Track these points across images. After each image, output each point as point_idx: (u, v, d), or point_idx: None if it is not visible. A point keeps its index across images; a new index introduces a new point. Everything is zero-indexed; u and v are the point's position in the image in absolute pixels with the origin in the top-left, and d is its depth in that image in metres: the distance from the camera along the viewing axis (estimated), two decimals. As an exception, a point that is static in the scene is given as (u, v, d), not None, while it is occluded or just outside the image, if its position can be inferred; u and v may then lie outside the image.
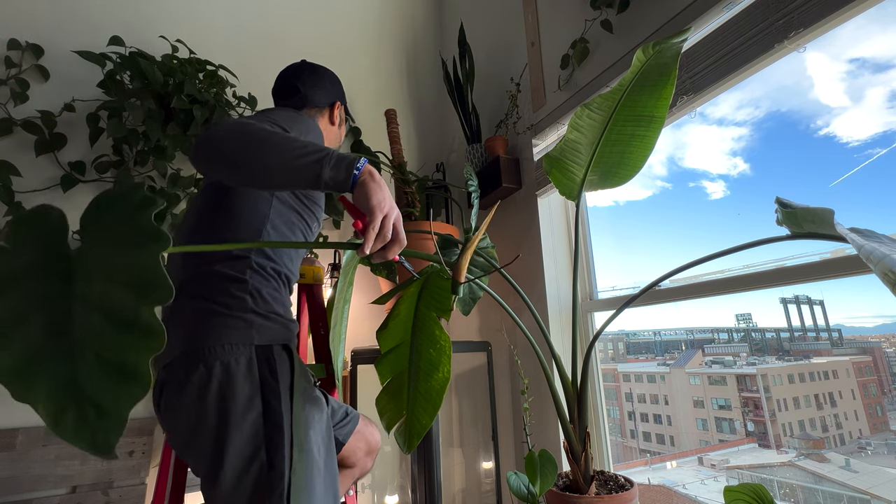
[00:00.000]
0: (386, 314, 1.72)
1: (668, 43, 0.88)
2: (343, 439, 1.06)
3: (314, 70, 1.21)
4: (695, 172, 1.52)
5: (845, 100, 1.09)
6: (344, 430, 1.07)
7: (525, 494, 1.06)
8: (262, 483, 0.74)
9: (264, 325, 0.83)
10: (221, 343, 0.78)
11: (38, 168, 1.55)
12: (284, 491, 0.74)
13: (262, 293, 0.85)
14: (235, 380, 0.77)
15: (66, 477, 1.40)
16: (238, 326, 0.80)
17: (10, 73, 1.54)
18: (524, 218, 1.75)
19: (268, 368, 0.80)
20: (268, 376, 0.79)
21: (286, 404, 0.79)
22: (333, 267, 1.83)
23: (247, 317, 0.81)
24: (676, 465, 1.64)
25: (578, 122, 1.02)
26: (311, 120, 1.04)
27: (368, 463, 1.15)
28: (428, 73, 2.54)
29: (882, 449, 1.20)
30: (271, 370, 0.80)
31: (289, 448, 0.77)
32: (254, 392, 0.78)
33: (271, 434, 0.77)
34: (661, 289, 1.28)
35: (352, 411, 1.12)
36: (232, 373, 0.77)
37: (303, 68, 1.21)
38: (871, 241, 0.58)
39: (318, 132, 1.03)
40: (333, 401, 1.11)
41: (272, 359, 0.81)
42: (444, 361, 0.91)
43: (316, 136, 1.01)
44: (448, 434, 2.11)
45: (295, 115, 0.99)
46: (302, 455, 0.78)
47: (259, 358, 0.80)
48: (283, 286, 0.93)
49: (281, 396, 0.79)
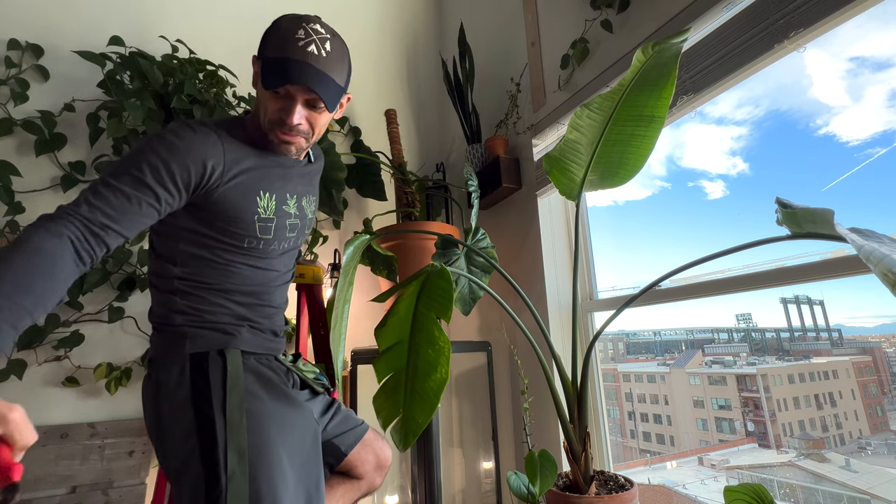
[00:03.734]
0: (385, 313, 1.72)
1: (668, 43, 0.88)
2: (346, 448, 1.05)
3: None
4: (694, 172, 1.52)
5: (845, 99, 1.10)
6: (347, 437, 1.06)
7: (525, 494, 1.06)
8: (198, 486, 0.79)
9: (198, 334, 0.89)
10: (158, 356, 0.90)
11: (38, 168, 1.54)
12: (222, 495, 0.76)
13: (191, 307, 0.91)
14: (167, 389, 0.86)
15: (66, 477, 1.40)
16: (171, 339, 0.90)
17: (10, 73, 1.54)
18: (524, 218, 1.75)
19: (200, 375, 0.86)
20: (200, 383, 0.85)
21: (218, 409, 0.82)
22: (333, 267, 1.84)
23: (179, 330, 0.89)
24: (676, 465, 1.64)
25: (578, 122, 1.02)
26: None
27: (377, 479, 1.13)
28: (428, 73, 2.54)
29: (882, 449, 1.20)
30: (203, 377, 0.86)
31: (223, 453, 0.79)
32: (184, 399, 0.84)
33: (203, 439, 0.81)
34: (661, 289, 1.28)
35: (359, 421, 1.12)
36: (162, 382, 0.87)
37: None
38: (871, 241, 0.58)
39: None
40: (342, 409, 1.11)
41: (206, 365, 0.87)
42: (443, 362, 0.91)
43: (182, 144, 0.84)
44: (448, 434, 2.11)
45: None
46: (243, 460, 0.79)
47: (193, 366, 0.87)
48: (220, 294, 0.93)
49: (213, 402, 0.83)
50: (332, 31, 0.92)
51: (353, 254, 0.96)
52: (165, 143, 0.82)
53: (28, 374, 1.44)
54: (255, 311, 0.98)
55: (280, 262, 1.03)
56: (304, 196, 1.05)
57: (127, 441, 1.50)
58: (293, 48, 0.86)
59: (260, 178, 0.94)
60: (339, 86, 0.91)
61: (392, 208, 2.06)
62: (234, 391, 0.84)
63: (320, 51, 0.87)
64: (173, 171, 0.80)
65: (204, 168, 0.84)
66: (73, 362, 1.49)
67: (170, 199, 0.82)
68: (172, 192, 0.81)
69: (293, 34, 0.87)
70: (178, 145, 0.82)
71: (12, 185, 1.46)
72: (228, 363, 0.87)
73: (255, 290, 0.98)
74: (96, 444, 1.46)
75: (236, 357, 0.90)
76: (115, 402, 1.54)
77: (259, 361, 0.96)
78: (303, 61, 0.86)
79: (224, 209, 0.89)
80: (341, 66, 0.92)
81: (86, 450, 1.44)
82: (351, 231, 2.10)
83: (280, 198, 0.98)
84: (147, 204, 0.79)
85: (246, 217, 0.91)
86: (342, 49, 0.93)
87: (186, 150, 0.82)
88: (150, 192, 0.79)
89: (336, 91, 0.91)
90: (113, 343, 1.56)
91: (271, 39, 0.89)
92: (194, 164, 0.83)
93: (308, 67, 0.86)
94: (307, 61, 0.86)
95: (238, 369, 0.88)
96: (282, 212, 0.98)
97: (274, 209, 0.96)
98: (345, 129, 2.17)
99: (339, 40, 0.93)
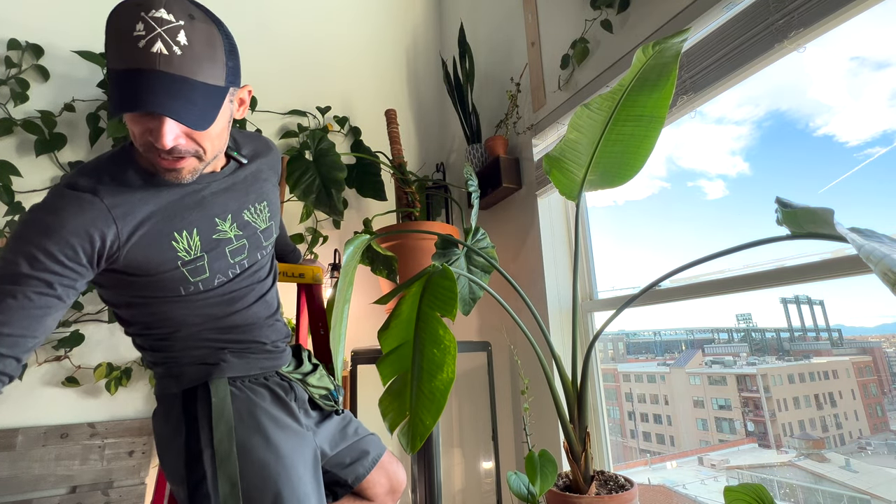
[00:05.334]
0: (387, 314, 1.72)
1: (668, 43, 0.88)
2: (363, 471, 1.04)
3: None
4: (693, 172, 1.52)
5: (845, 98, 1.09)
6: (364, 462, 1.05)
7: (525, 494, 1.06)
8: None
9: (182, 373, 0.88)
10: (157, 393, 0.91)
11: (38, 168, 1.55)
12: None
13: (164, 357, 0.89)
14: (159, 423, 0.89)
15: (66, 477, 1.40)
16: (161, 381, 0.90)
17: (10, 73, 1.54)
18: (524, 218, 1.75)
19: (190, 411, 0.85)
20: (189, 419, 0.85)
21: (206, 443, 0.82)
22: (333, 267, 1.83)
23: (164, 373, 0.89)
24: (676, 465, 1.64)
25: (578, 122, 1.02)
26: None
27: (388, 503, 1.10)
28: (428, 73, 2.54)
29: (882, 449, 1.20)
30: (193, 412, 0.85)
31: (212, 482, 0.79)
32: (174, 433, 0.85)
33: (191, 469, 0.81)
34: (661, 289, 1.28)
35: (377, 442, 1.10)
36: (158, 416, 0.90)
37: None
38: (871, 241, 0.58)
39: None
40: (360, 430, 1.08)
41: (195, 400, 0.86)
42: (449, 361, 0.91)
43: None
44: (448, 434, 2.11)
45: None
46: (235, 489, 0.78)
47: (184, 402, 0.87)
48: (185, 339, 0.88)
49: (201, 436, 0.83)
50: (187, 11, 0.67)
51: (353, 254, 0.96)
52: (37, 226, 0.69)
53: (28, 374, 1.44)
54: (234, 334, 0.91)
55: (238, 284, 0.91)
56: (244, 209, 0.90)
57: (127, 441, 1.50)
58: (130, 52, 0.63)
59: (170, 219, 0.79)
60: (211, 87, 0.69)
61: (392, 208, 2.06)
62: (221, 422, 0.83)
63: (171, 48, 0.64)
64: (53, 254, 0.68)
65: (91, 240, 0.71)
66: (73, 362, 1.49)
67: (66, 280, 0.70)
68: (64, 272, 0.70)
69: (128, 31, 0.63)
70: (50, 224, 0.69)
71: (12, 185, 1.46)
72: (213, 395, 0.85)
73: (223, 321, 0.90)
74: (96, 444, 1.46)
75: (222, 387, 0.86)
76: (115, 402, 1.54)
77: (255, 382, 0.92)
78: (145, 70, 0.63)
79: (138, 270, 0.78)
80: (211, 57, 0.68)
81: (86, 450, 1.44)
82: (351, 231, 2.10)
83: (205, 228, 0.84)
84: (37, 293, 0.68)
85: (167, 269, 0.80)
86: (208, 32, 0.68)
87: (61, 225, 0.69)
88: (34, 281, 0.67)
89: (208, 96, 0.68)
90: (113, 343, 1.56)
91: (106, 42, 0.66)
92: (77, 238, 0.70)
93: (154, 79, 0.63)
94: (154, 68, 0.63)
95: (223, 400, 0.85)
96: (213, 242, 0.85)
97: (200, 245, 0.83)
98: (345, 129, 2.17)
99: (203, 20, 0.68)
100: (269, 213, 0.97)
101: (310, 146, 1.82)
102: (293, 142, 2.02)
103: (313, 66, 2.18)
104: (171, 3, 0.66)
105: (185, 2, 0.68)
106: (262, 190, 0.96)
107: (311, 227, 1.97)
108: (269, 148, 1.02)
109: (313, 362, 1.07)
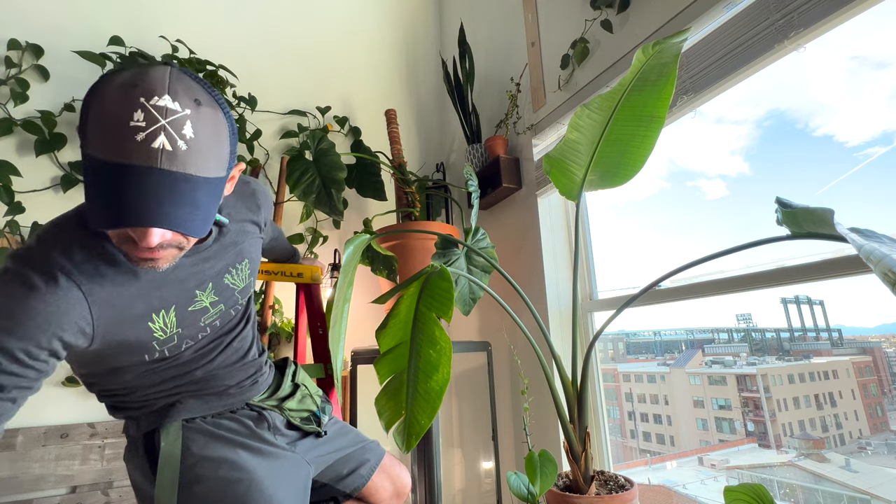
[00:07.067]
0: (385, 314, 1.73)
1: (668, 43, 0.88)
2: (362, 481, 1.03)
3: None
4: (693, 172, 1.51)
5: (845, 98, 1.09)
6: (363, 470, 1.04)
7: (525, 494, 1.06)
8: None
9: (141, 416, 0.87)
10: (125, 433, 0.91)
11: (38, 168, 1.55)
12: None
13: (118, 411, 0.88)
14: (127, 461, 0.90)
15: (66, 477, 1.40)
16: (126, 422, 0.90)
17: (10, 73, 1.54)
18: (524, 218, 1.75)
19: (148, 454, 0.86)
20: (145, 463, 0.85)
21: (149, 485, 0.83)
22: (333, 267, 1.83)
23: (119, 416, 0.89)
24: (676, 465, 1.64)
25: (578, 122, 1.02)
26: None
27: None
28: (428, 73, 2.54)
29: (882, 449, 1.20)
30: (151, 456, 0.85)
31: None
32: (135, 474, 0.87)
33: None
34: (661, 289, 1.28)
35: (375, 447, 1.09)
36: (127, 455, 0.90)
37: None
38: (871, 241, 0.58)
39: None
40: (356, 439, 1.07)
41: (151, 442, 0.86)
42: (444, 363, 0.91)
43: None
44: (448, 434, 2.11)
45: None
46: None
47: (145, 445, 0.87)
48: (130, 396, 0.85)
49: (152, 477, 0.83)
50: (193, 95, 0.58)
51: (353, 253, 0.96)
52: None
53: (28, 374, 1.44)
54: (194, 384, 0.88)
55: (203, 342, 0.87)
56: (225, 274, 0.84)
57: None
58: (123, 145, 0.53)
59: (147, 301, 0.72)
60: (213, 180, 0.60)
61: (392, 208, 2.06)
62: (166, 469, 0.81)
63: (175, 142, 0.55)
64: (15, 355, 0.60)
65: (62, 337, 0.63)
66: (73, 362, 1.49)
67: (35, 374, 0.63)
68: (28, 372, 0.62)
69: (123, 119, 0.53)
70: (14, 315, 0.59)
71: (12, 185, 1.46)
72: (162, 439, 0.83)
73: (184, 378, 0.86)
74: (96, 444, 1.46)
75: (173, 431, 0.84)
76: (115, 402, 1.54)
77: (219, 417, 0.90)
78: (142, 168, 0.53)
79: (107, 350, 0.71)
80: (217, 148, 0.60)
81: (86, 450, 1.44)
82: (351, 231, 2.10)
83: (183, 303, 0.77)
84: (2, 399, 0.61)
85: (141, 349, 0.75)
86: (214, 119, 0.59)
87: (27, 319, 0.60)
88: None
89: (210, 192, 0.60)
90: (113, 343, 1.56)
91: (91, 123, 0.55)
92: (46, 335, 0.61)
93: (154, 180, 0.54)
94: (153, 165, 0.53)
95: (173, 444, 0.83)
96: (189, 316, 0.79)
97: (176, 322, 0.77)
98: (345, 129, 2.17)
99: (209, 103, 0.59)
100: (248, 271, 0.90)
101: (310, 146, 1.82)
102: (293, 142, 2.02)
103: (313, 66, 2.18)
104: (176, 88, 0.56)
105: (191, 83, 0.59)
106: (244, 248, 0.88)
107: (311, 227, 1.97)
108: (247, 186, 0.92)
109: (296, 382, 1.05)
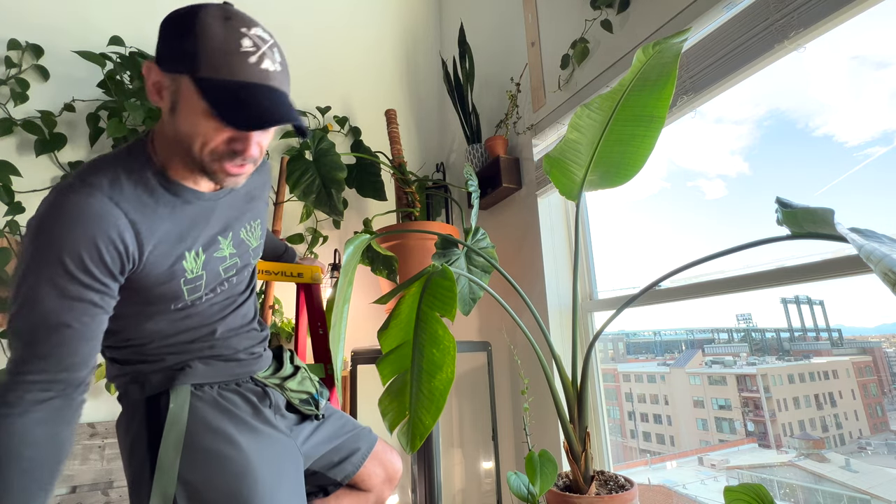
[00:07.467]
0: (386, 314, 1.73)
1: (668, 43, 0.89)
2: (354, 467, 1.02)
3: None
4: (693, 172, 1.52)
5: (845, 97, 1.09)
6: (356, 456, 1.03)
7: (525, 494, 1.06)
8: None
9: (147, 379, 0.84)
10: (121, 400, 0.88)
11: (38, 168, 1.55)
12: None
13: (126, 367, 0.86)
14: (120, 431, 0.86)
15: (66, 477, 1.40)
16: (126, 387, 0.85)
17: (10, 73, 1.54)
18: (524, 218, 1.75)
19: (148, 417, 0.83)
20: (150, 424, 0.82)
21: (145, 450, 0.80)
22: (333, 267, 1.83)
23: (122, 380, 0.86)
24: (676, 465, 1.64)
25: (578, 122, 1.02)
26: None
27: (386, 492, 1.10)
28: (428, 73, 2.54)
29: (882, 449, 1.20)
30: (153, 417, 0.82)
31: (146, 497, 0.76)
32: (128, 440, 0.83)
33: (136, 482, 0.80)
34: (661, 289, 1.28)
35: (368, 433, 1.08)
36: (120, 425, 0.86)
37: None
38: (871, 241, 0.58)
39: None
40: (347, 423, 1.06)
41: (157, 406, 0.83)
42: (448, 362, 0.91)
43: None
44: (448, 434, 2.10)
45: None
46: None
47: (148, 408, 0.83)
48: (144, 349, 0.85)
49: (148, 442, 0.80)
50: (267, 30, 0.72)
51: (353, 253, 0.96)
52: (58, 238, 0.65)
53: (28, 374, 1.44)
54: (205, 343, 0.88)
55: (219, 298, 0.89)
56: (241, 227, 0.90)
57: (127, 441, 1.50)
58: (242, 66, 0.66)
59: (183, 237, 0.78)
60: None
61: (392, 208, 2.06)
62: (172, 432, 0.79)
63: (275, 64, 0.69)
64: (86, 266, 0.66)
65: (118, 248, 0.69)
66: (73, 362, 1.49)
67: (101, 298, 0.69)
68: (99, 286, 0.68)
69: (235, 45, 0.66)
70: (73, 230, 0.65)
71: (12, 184, 1.46)
72: (171, 401, 0.81)
73: (196, 331, 0.87)
74: (96, 444, 1.46)
75: (182, 393, 0.83)
76: (115, 402, 1.53)
77: (226, 389, 0.89)
78: (263, 86, 0.67)
79: (143, 284, 0.76)
80: (289, 73, 0.75)
81: (86, 450, 1.44)
82: (351, 231, 2.10)
83: (209, 246, 0.83)
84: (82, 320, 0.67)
85: (170, 286, 0.78)
86: (280, 47, 0.75)
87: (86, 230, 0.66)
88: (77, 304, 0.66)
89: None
90: (113, 343, 1.56)
91: (203, 50, 0.65)
92: (105, 243, 0.67)
93: (275, 94, 0.68)
94: (269, 84, 0.68)
95: (181, 407, 0.82)
96: (213, 261, 0.84)
97: (203, 262, 0.82)
98: (345, 129, 2.17)
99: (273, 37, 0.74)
100: (260, 232, 0.97)
101: (310, 146, 1.82)
102: (293, 142, 2.02)
103: (313, 66, 2.18)
104: (258, 22, 0.70)
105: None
106: (258, 208, 0.96)
107: (311, 227, 1.97)
108: (263, 162, 1.00)
109: (295, 364, 1.05)
